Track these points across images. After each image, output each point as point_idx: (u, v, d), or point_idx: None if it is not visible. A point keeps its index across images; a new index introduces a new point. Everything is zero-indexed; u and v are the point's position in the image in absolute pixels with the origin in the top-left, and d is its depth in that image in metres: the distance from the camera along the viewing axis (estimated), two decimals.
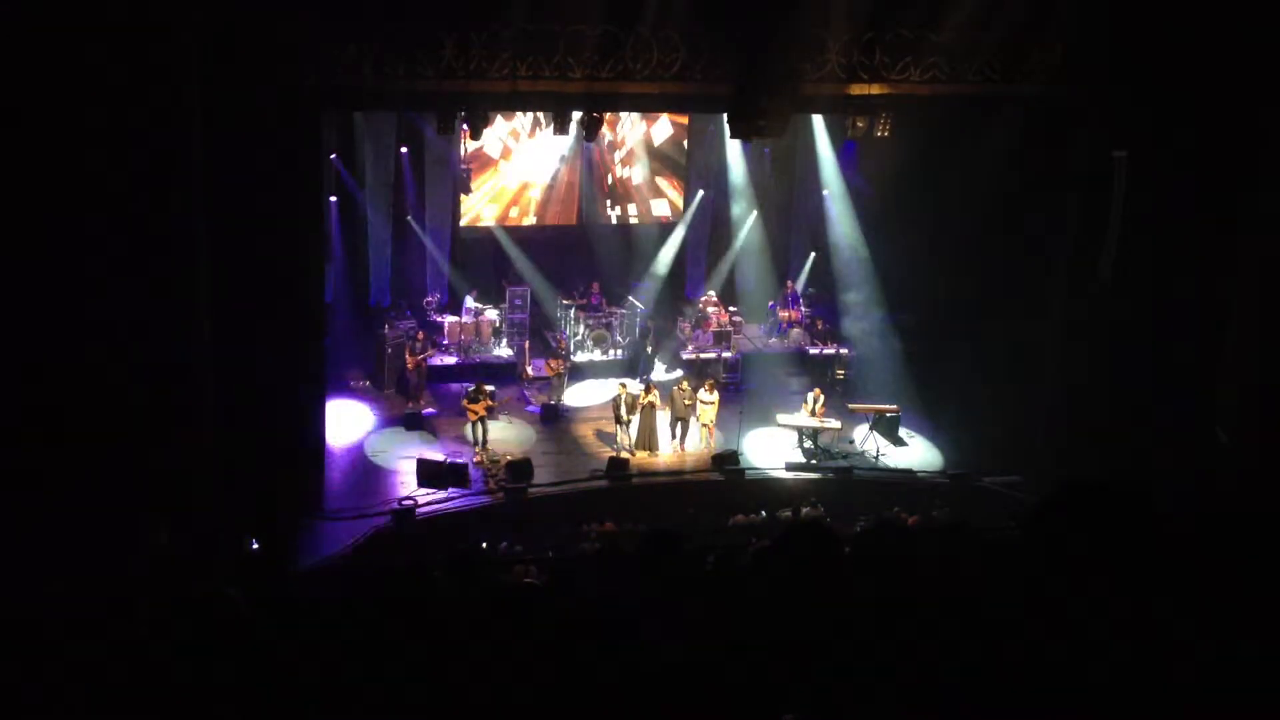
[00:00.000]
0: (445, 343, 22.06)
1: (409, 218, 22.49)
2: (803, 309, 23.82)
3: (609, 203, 24.31)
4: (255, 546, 14.15)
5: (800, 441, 19.55)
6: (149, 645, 4.75)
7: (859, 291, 22.74)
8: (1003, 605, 3.58)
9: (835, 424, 19.61)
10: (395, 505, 16.54)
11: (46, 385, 11.86)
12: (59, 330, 12.02)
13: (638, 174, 24.25)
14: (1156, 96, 15.72)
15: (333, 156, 20.10)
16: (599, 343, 22.70)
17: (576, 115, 18.24)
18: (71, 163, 11.98)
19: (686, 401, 19.32)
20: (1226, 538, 3.31)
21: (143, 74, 12.39)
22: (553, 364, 20.85)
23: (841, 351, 22.40)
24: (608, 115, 20.31)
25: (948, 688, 3.26)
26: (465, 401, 18.73)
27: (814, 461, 19.10)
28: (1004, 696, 3.13)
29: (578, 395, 21.55)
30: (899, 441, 19.92)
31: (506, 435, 19.62)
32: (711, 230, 25.05)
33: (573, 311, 22.81)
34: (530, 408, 20.89)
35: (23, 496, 11.37)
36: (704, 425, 19.35)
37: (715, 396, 19.35)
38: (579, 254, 23.97)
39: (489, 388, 18.98)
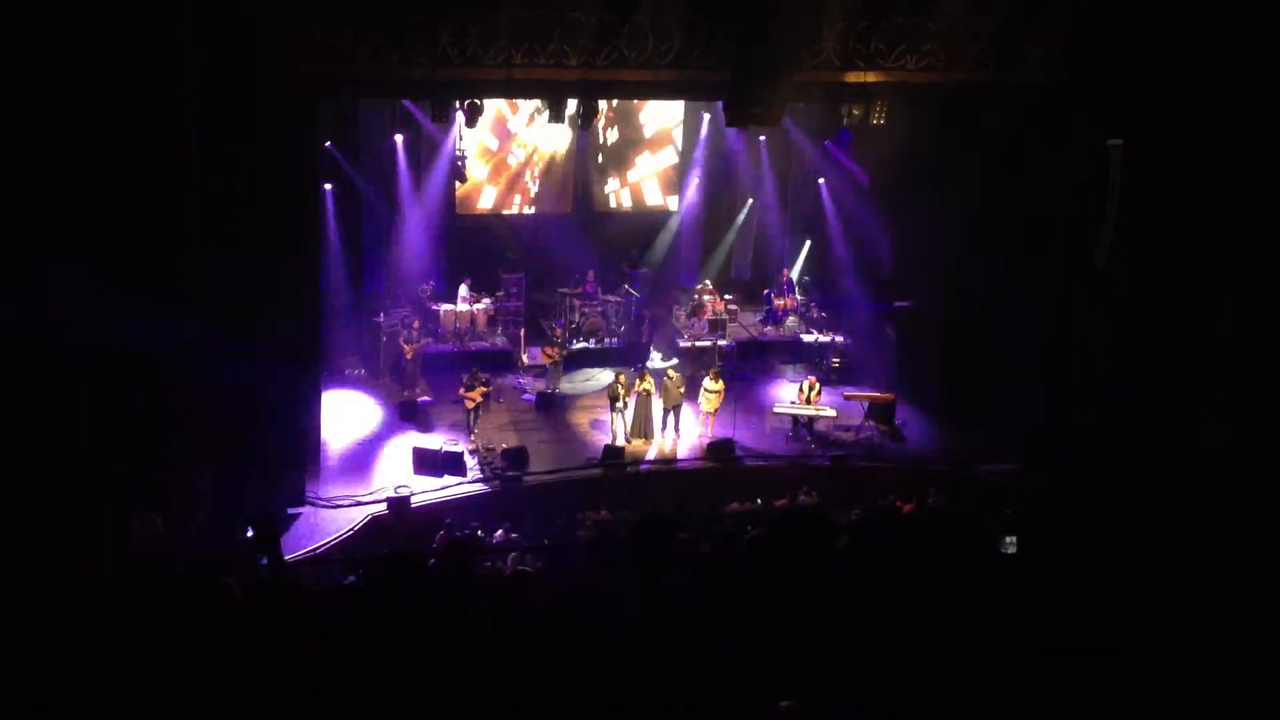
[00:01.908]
0: (441, 331, 22.05)
1: (404, 206, 22.45)
2: (798, 297, 23.84)
3: (604, 191, 24.27)
4: (250, 534, 14.14)
5: (795, 429, 19.57)
6: (145, 632, 4.76)
7: (854, 280, 22.77)
8: (998, 593, 3.59)
9: (830, 411, 19.63)
10: (391, 493, 16.54)
11: (42, 375, 11.84)
12: (55, 321, 12.00)
13: (632, 162, 24.20)
14: (1153, 84, 15.70)
15: (327, 144, 20.04)
16: (594, 331, 22.70)
17: (572, 103, 18.19)
18: (68, 154, 11.94)
19: (680, 389, 19.34)
20: (1223, 529, 3.32)
21: (138, 62, 12.34)
22: (548, 352, 20.84)
23: (837, 339, 22.41)
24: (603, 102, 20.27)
25: (943, 674, 3.27)
26: (462, 389, 18.74)
27: (809, 449, 19.13)
28: (1000, 683, 3.14)
29: (573, 383, 21.55)
30: (895, 429, 19.95)
31: (501, 422, 19.64)
32: (707, 218, 25.04)
33: (568, 300, 22.80)
34: (526, 396, 20.88)
35: (19, 486, 11.35)
36: (706, 414, 19.38)
37: (720, 385, 19.35)
38: (574, 242, 23.93)
39: (484, 375, 19.00)
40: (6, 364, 11.72)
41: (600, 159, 24.01)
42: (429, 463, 17.58)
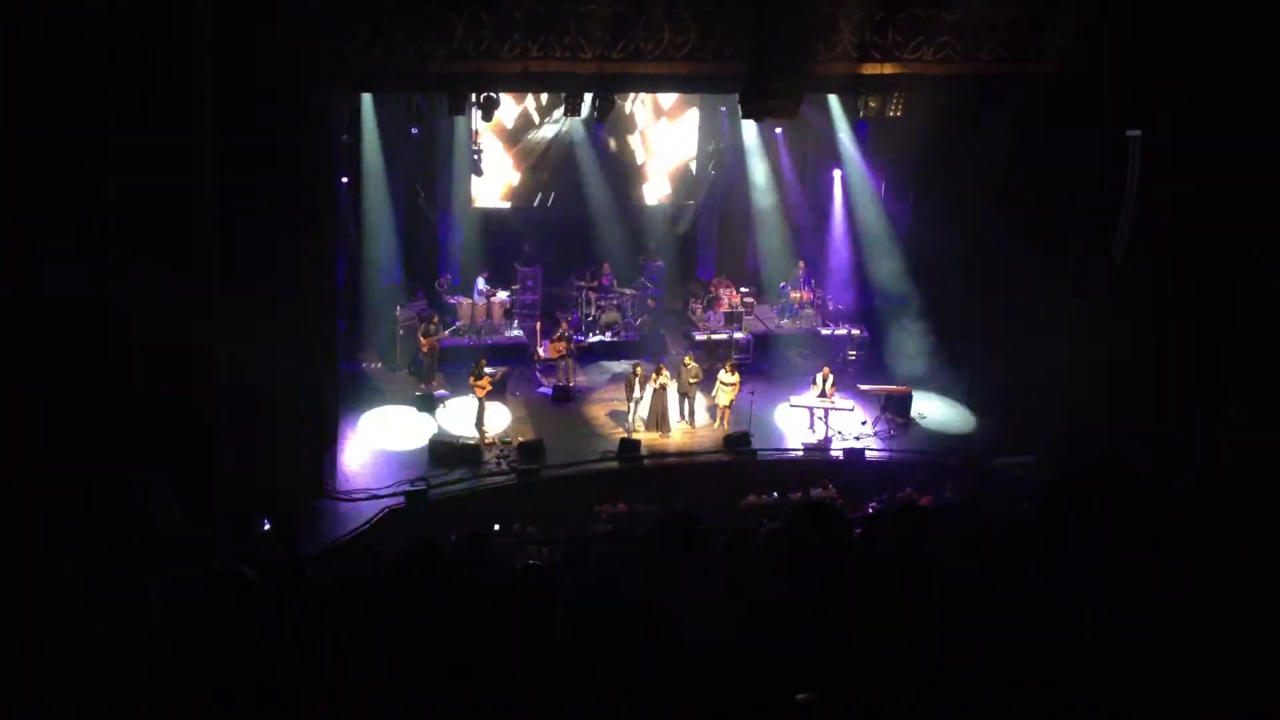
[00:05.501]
0: (457, 324, 22.08)
1: (420, 199, 22.47)
2: (814, 289, 23.79)
3: (621, 183, 24.23)
4: (267, 527, 14.21)
5: (811, 422, 19.55)
6: (162, 623, 4.78)
7: (871, 272, 22.72)
8: (1014, 587, 3.57)
9: (847, 404, 19.60)
10: (407, 486, 16.58)
11: (59, 366, 11.88)
12: (73, 312, 12.04)
13: (650, 154, 24.18)
14: (1170, 74, 15.60)
15: (344, 138, 20.07)
16: (610, 324, 22.70)
17: (588, 95, 18.17)
18: (84, 145, 11.96)
19: (692, 379, 19.34)
20: (1238, 524, 3.30)
21: (154, 56, 12.37)
22: (555, 346, 20.86)
23: (853, 332, 22.36)
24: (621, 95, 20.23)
25: (959, 668, 3.26)
26: (472, 379, 18.76)
27: (825, 442, 19.10)
28: (1014, 679, 3.13)
29: (589, 376, 21.57)
30: (911, 420, 19.91)
31: (518, 415, 19.67)
32: (723, 210, 25.00)
33: (584, 293, 22.80)
34: (542, 389, 20.91)
35: (35, 476, 11.41)
36: (722, 407, 19.37)
37: (735, 378, 19.35)
38: (590, 235, 23.94)
39: (492, 369, 19.00)
40: (16, 356, 11.77)
41: (617, 152, 23.97)
42: (446, 456, 17.62)
